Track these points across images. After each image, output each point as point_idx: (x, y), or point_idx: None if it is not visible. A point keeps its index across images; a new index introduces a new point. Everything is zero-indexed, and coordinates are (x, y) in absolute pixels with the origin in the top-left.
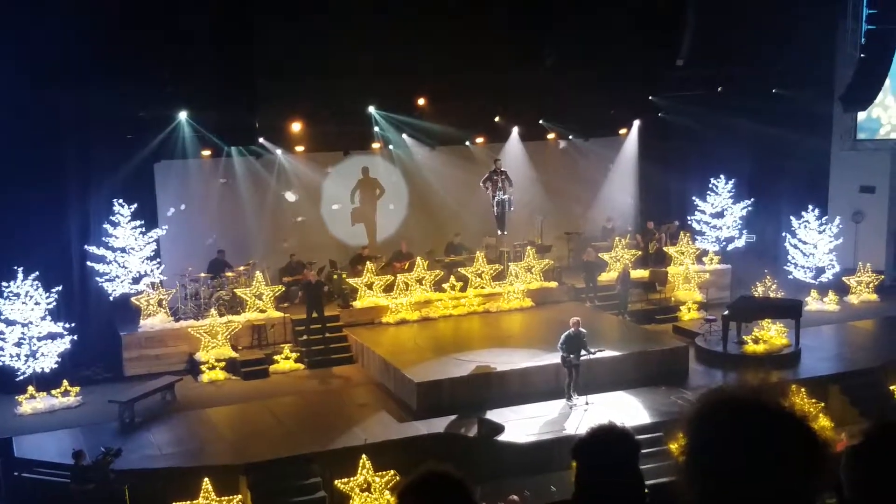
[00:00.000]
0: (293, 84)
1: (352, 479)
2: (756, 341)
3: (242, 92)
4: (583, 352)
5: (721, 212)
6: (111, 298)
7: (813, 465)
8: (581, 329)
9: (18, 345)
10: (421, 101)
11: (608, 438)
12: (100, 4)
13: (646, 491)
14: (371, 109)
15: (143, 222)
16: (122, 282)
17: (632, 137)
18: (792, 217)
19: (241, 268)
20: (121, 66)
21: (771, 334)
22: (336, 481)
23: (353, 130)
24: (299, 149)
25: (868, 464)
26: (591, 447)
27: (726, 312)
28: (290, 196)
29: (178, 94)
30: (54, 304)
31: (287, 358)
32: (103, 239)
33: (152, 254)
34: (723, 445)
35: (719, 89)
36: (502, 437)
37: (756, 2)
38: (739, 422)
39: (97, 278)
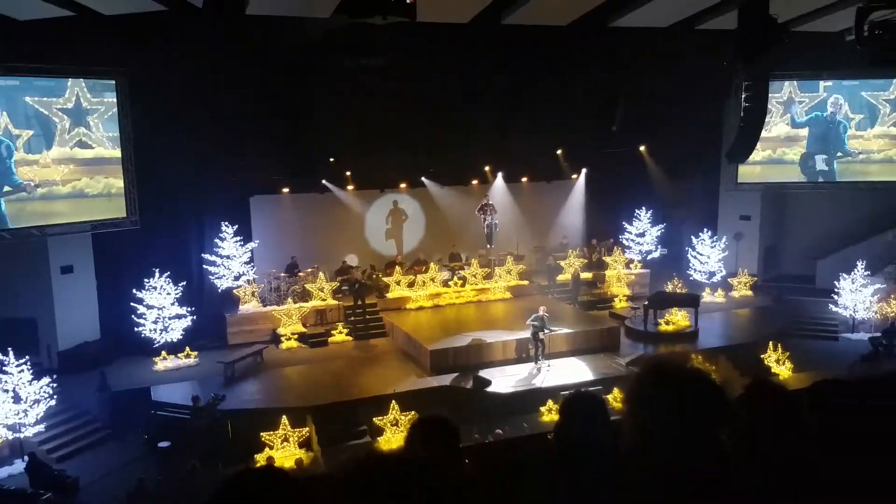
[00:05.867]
0: (344, 149)
1: (385, 417)
2: (667, 323)
3: (309, 155)
4: (545, 329)
5: (643, 232)
6: (219, 290)
7: (722, 408)
8: (546, 314)
9: (155, 322)
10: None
11: (586, 400)
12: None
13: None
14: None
15: (241, 238)
16: (226, 279)
17: (580, 181)
18: (692, 236)
19: (309, 270)
20: (226, 143)
21: (678, 318)
22: (374, 419)
23: (386, 175)
24: (350, 188)
25: (747, 409)
26: (574, 405)
27: (646, 302)
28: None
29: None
30: (180, 294)
31: (340, 333)
32: (214, 249)
33: (248, 259)
34: (654, 400)
35: (642, 148)
36: (490, 389)
37: (668, 90)
38: (665, 381)
39: (210, 276)
